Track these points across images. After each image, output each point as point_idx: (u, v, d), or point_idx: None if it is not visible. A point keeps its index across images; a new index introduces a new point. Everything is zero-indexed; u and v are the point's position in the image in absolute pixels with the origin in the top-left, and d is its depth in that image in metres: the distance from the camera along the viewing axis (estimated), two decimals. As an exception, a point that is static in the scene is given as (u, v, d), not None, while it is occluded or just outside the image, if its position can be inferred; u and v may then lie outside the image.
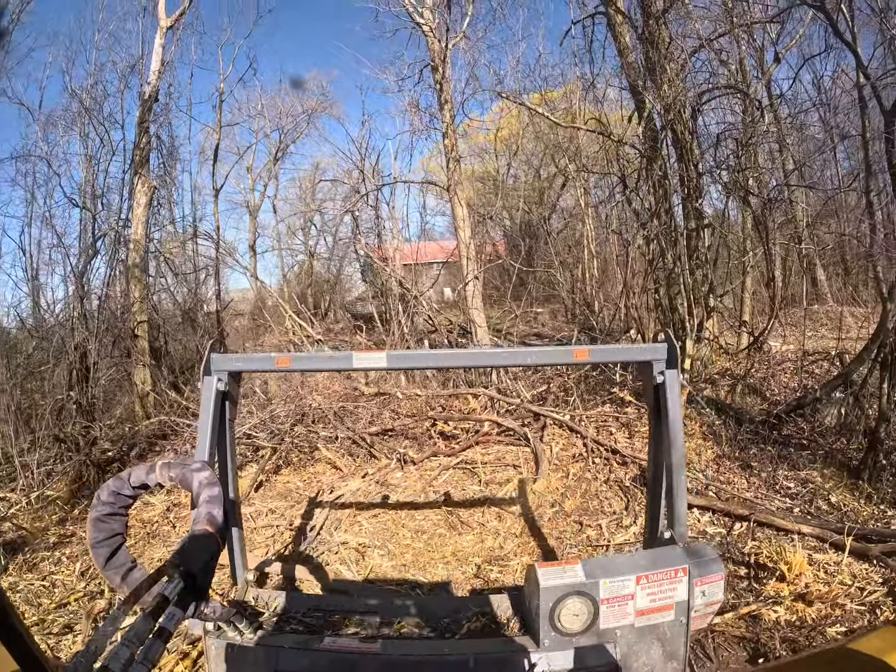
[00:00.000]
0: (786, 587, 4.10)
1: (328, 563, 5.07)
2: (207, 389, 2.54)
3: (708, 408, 7.75)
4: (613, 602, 2.14)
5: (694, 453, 6.64)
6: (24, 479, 7.36)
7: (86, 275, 12.04)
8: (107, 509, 1.56)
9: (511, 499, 6.04)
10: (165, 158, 15.48)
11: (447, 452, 7.35)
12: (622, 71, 11.04)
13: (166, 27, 13.40)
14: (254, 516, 6.15)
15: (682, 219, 10.00)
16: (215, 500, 1.53)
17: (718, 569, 2.21)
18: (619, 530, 5.27)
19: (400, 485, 6.65)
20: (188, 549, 1.38)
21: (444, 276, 22.06)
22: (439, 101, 12.05)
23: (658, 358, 2.53)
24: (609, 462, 6.48)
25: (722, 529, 5.15)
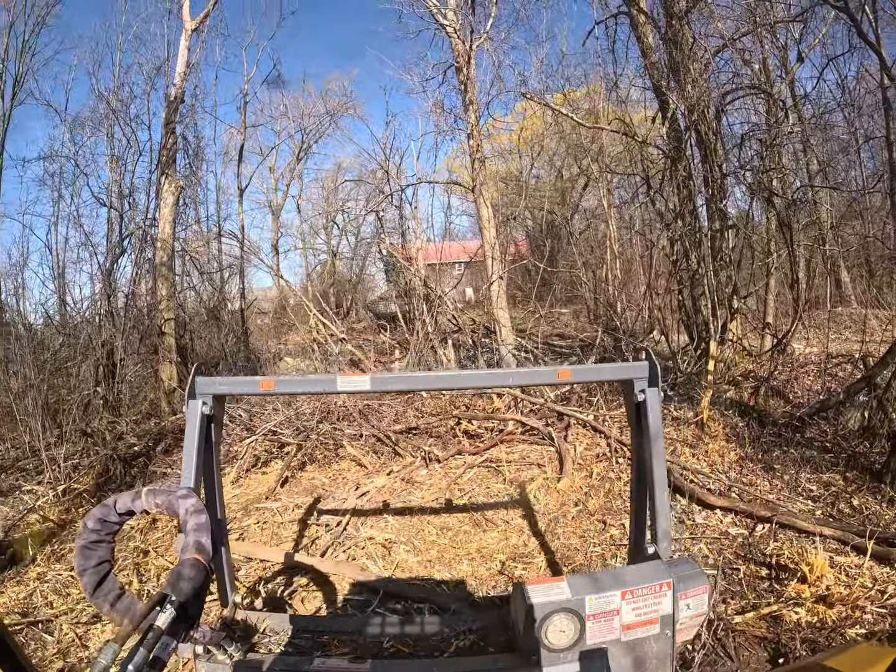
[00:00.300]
0: (807, 589, 4.10)
1: (355, 558, 5.15)
2: (192, 413, 2.59)
3: (731, 409, 7.77)
4: (600, 618, 2.19)
5: (717, 455, 6.67)
6: (50, 472, 7.43)
7: (113, 273, 12.23)
8: (94, 536, 1.59)
9: (535, 497, 6.09)
10: (191, 159, 15.74)
11: (472, 451, 7.42)
12: (645, 71, 11.06)
13: (191, 29, 13.59)
14: (280, 511, 6.23)
15: (706, 220, 9.98)
16: (203, 528, 1.56)
17: (702, 582, 2.31)
18: (643, 529, 5.31)
19: (425, 482, 6.72)
20: (179, 579, 1.40)
21: (466, 277, 22.10)
22: (464, 101, 12.12)
23: (639, 376, 2.66)
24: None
25: (744, 531, 5.13)
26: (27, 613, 4.55)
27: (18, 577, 5.24)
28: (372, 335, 17.90)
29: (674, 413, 7.75)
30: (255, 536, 5.79)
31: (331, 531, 5.60)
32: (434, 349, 11.54)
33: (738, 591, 4.25)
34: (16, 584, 5.13)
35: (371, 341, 16.51)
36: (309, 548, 5.38)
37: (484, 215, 11.77)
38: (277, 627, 2.93)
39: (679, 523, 5.33)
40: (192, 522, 1.55)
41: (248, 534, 5.86)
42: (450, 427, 8.06)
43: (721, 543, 4.97)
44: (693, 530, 5.23)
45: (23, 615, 4.53)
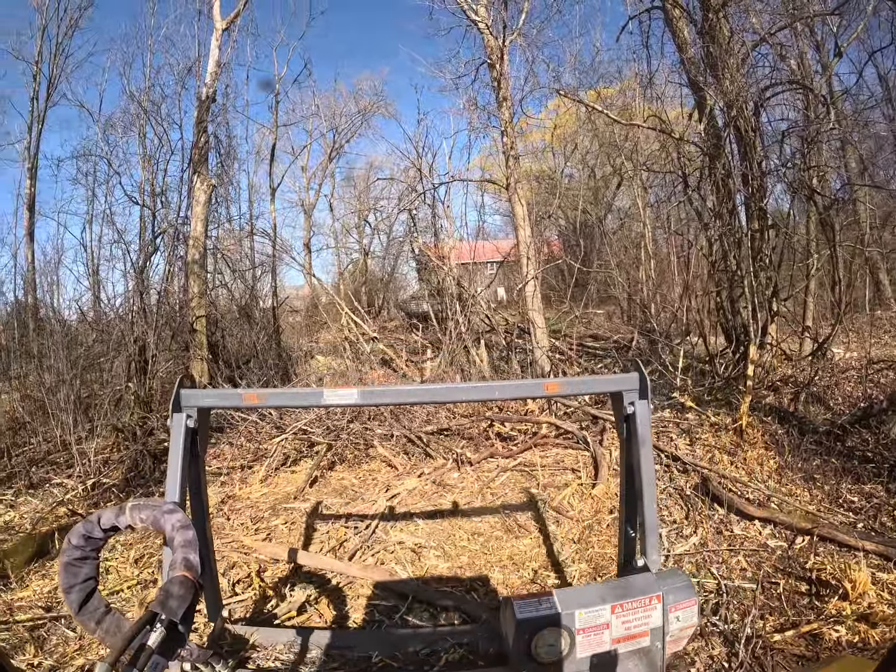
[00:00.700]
0: (848, 606, 3.93)
1: (383, 562, 5.06)
2: (177, 427, 2.57)
3: (770, 416, 7.59)
4: (589, 631, 2.20)
5: (756, 463, 6.49)
6: (80, 466, 7.51)
7: (145, 270, 12.32)
8: (78, 553, 1.56)
9: (569, 503, 5.95)
10: (223, 157, 15.81)
11: (505, 454, 7.31)
12: (681, 66, 10.87)
13: (221, 29, 13.65)
14: (308, 512, 6.16)
15: (745, 219, 9.79)
16: (190, 544, 1.54)
17: (691, 594, 2.32)
18: (678, 540, 5.15)
19: (457, 485, 6.61)
20: (168, 597, 1.38)
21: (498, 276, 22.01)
22: (497, 98, 12.01)
23: (629, 388, 2.65)
24: (669, 469, 6.36)
25: (783, 543, 4.95)
26: (51, 608, 4.52)
27: (44, 570, 5.24)
28: (404, 334, 17.94)
29: (712, 419, 7.57)
30: (282, 537, 5.72)
31: (359, 534, 5.52)
32: (467, 349, 11.46)
33: (777, 606, 4.08)
34: (41, 577, 5.12)
35: (403, 341, 16.57)
36: (337, 550, 5.29)
37: (518, 213, 11.63)
38: (266, 642, 2.96)
39: (717, 534, 5.19)
40: (180, 539, 1.55)
41: (276, 534, 5.79)
42: (482, 429, 7.97)
43: (760, 556, 4.80)
44: (731, 542, 5.06)
45: (46, 609, 4.50)
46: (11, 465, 7.96)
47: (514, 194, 11.72)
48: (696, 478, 6.13)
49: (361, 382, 10.66)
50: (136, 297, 11.44)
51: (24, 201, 19.94)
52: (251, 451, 8.20)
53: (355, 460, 7.66)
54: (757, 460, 6.55)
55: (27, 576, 5.11)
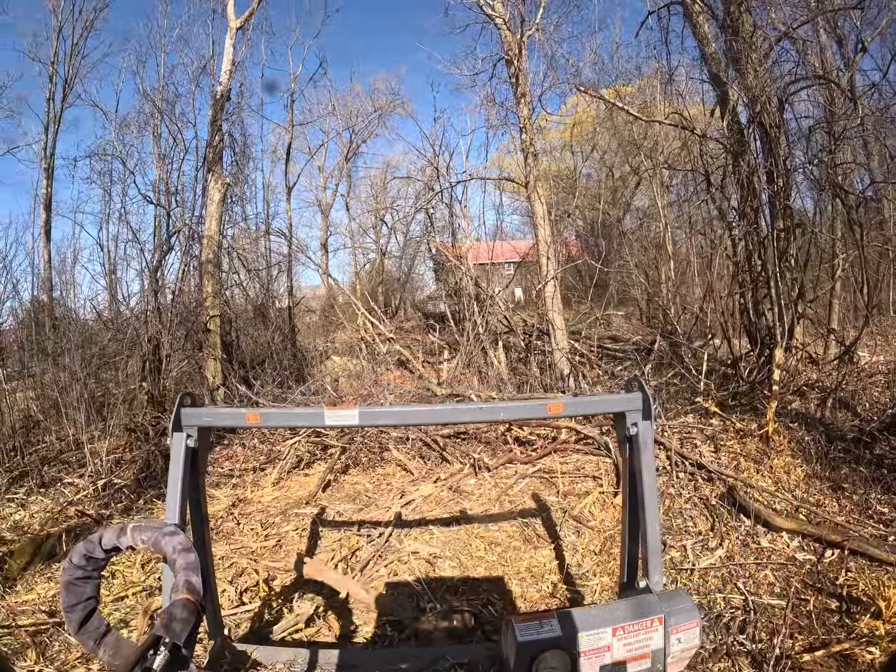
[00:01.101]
0: (881, 625, 3.73)
1: (397, 573, 4.89)
2: (177, 446, 2.58)
3: (797, 422, 7.33)
4: (591, 654, 2.19)
5: (782, 471, 6.27)
6: (92, 465, 7.48)
7: (160, 269, 12.31)
8: (79, 573, 1.56)
9: (590, 512, 5.76)
10: (238, 156, 15.77)
11: (523, 460, 7.09)
12: (702, 62, 10.65)
13: (236, 28, 13.61)
14: (320, 519, 6.01)
15: (770, 218, 9.54)
16: (192, 567, 1.54)
17: (693, 616, 2.31)
18: (704, 553, 4.94)
19: (474, 492, 6.42)
20: (172, 620, 1.37)
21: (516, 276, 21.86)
22: (515, 94, 11.80)
23: (632, 409, 2.68)
24: (694, 477, 6.11)
25: (812, 556, 4.76)
26: (54, 612, 4.40)
27: (49, 572, 5.16)
28: (420, 335, 17.87)
29: (737, 425, 7.34)
30: (292, 544, 5.56)
31: (372, 542, 5.36)
32: (484, 351, 11.29)
33: (807, 624, 3.90)
34: (46, 580, 5.04)
35: (419, 341, 16.45)
36: (349, 559, 5.13)
37: (538, 212, 11.41)
38: (266, 660, 2.96)
39: (744, 547, 4.99)
40: (182, 561, 1.54)
41: (286, 541, 5.63)
42: (500, 433, 7.76)
43: (788, 570, 4.61)
44: (758, 555, 4.86)
45: (49, 614, 4.39)
46: (24, 463, 7.92)
47: (533, 192, 11.53)
48: (721, 487, 5.91)
49: (377, 384, 10.51)
50: (151, 296, 11.50)
51: (41, 201, 20.11)
52: (264, 452, 8.10)
53: (370, 464, 7.50)
54: (784, 468, 6.33)
55: (32, 578, 5.04)
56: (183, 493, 2.51)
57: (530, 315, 15.50)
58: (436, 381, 10.74)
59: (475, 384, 10.37)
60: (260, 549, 5.44)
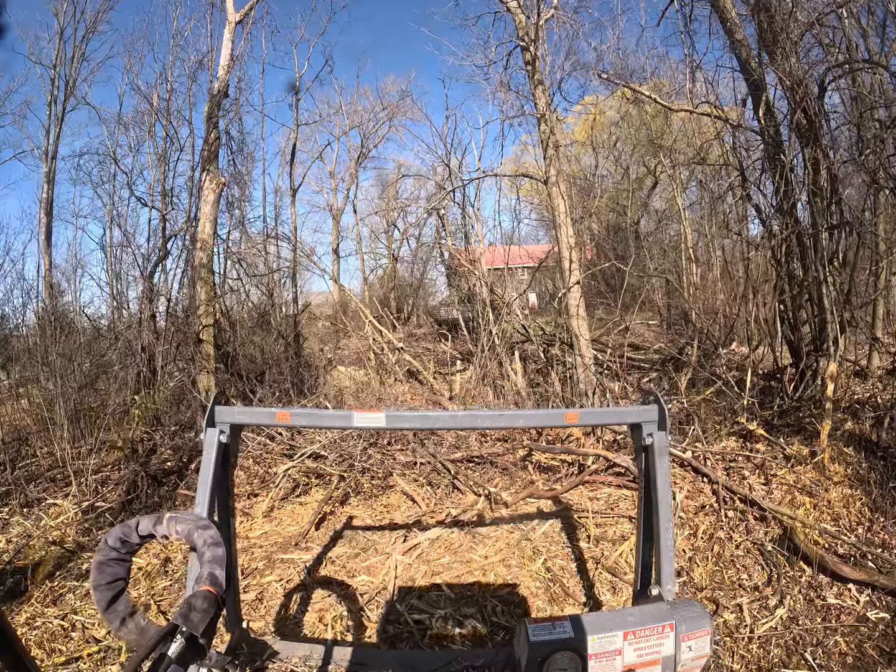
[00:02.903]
0: None
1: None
2: (210, 441, 2.71)
3: (851, 446, 6.50)
4: (601, 657, 2.19)
5: (842, 506, 5.45)
6: (76, 486, 7.16)
7: (155, 276, 12.24)
8: (113, 554, 1.58)
9: (627, 562, 4.93)
10: (235, 154, 15.35)
11: (546, 494, 6.24)
12: (731, 49, 9.94)
13: (235, 22, 13.19)
14: (309, 567, 5.20)
15: (812, 216, 8.71)
16: (218, 561, 1.55)
17: (704, 624, 2.28)
18: (762, 613, 4.12)
19: (489, 535, 5.55)
20: (191, 610, 1.38)
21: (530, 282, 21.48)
22: (532, 82, 11.02)
23: (648, 420, 2.76)
24: (745, 517, 5.30)
25: (886, 615, 3.97)
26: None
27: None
28: (432, 343, 17.54)
29: (786, 450, 6.51)
30: (274, 598, 4.74)
31: (368, 605, 4.51)
32: (500, 363, 10.58)
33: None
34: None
35: (431, 350, 16.15)
36: (335, 628, 4.29)
37: (560, 210, 10.46)
38: (283, 654, 3.11)
39: (808, 603, 4.22)
40: (209, 554, 1.56)
41: (268, 594, 4.81)
42: (519, 457, 7.00)
43: (860, 634, 3.84)
44: (825, 614, 4.08)
45: None
46: (12, 478, 7.45)
47: (554, 187, 10.64)
48: (776, 528, 5.11)
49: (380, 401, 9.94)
50: (145, 303, 11.15)
51: (42, 205, 20.09)
52: (258, 475, 7.49)
53: (372, 492, 6.79)
54: (842, 503, 5.53)
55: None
56: (213, 487, 2.64)
57: (546, 322, 14.97)
58: (447, 396, 10.13)
59: (490, 399, 9.70)
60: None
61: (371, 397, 10.40)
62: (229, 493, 3.02)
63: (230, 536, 2.99)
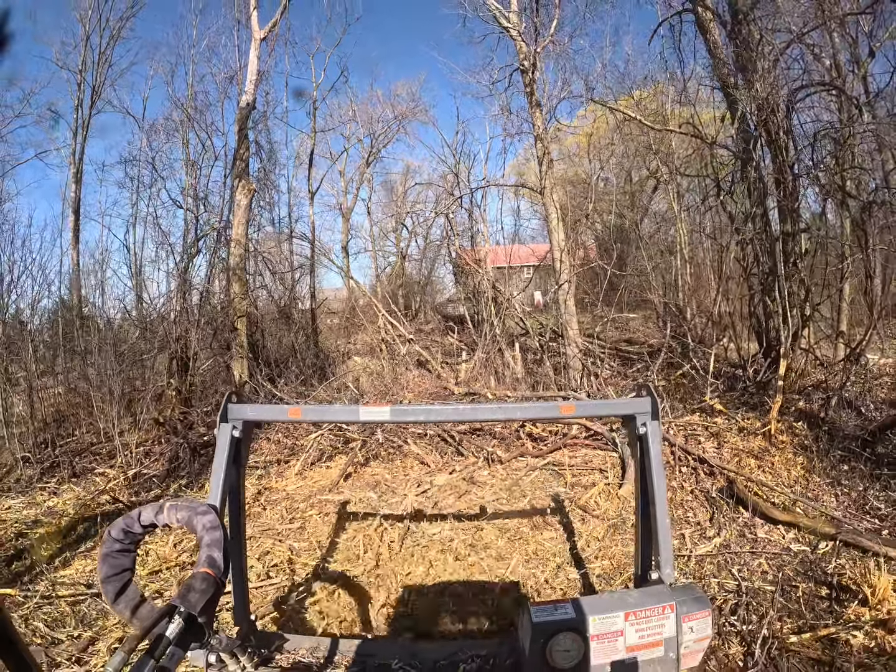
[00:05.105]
0: (867, 612, 3.97)
1: (413, 555, 5.23)
2: (223, 436, 2.74)
3: (800, 421, 7.58)
4: (603, 638, 2.22)
5: (783, 468, 6.54)
6: (122, 457, 7.88)
7: (189, 271, 12.68)
8: (117, 546, 1.61)
9: (595, 502, 6.09)
10: (265, 163, 16.16)
11: (534, 453, 7.46)
12: (714, 69, 10.90)
13: (260, 39, 14.04)
14: (343, 504, 6.39)
15: (778, 223, 9.75)
16: (216, 544, 1.58)
17: (705, 605, 2.32)
18: (702, 541, 5.25)
19: (487, 482, 6.77)
20: (189, 591, 1.43)
21: (534, 281, 22.06)
22: (530, 104, 12.15)
23: (641, 411, 2.75)
24: (696, 472, 6.44)
25: (806, 547, 5.02)
26: (91, 584, 4.84)
27: (86, 552, 5.58)
28: (440, 337, 18.13)
29: (741, 423, 7.60)
30: (316, 526, 5.95)
31: (393, 525, 5.75)
32: (501, 352, 11.58)
33: (796, 609, 4.15)
34: (83, 558, 5.46)
35: (439, 343, 16.82)
36: (370, 543, 5.47)
37: (552, 218, 11.75)
38: (290, 646, 3.06)
39: (740, 537, 5.28)
40: (207, 538, 1.59)
41: (310, 524, 6.02)
42: (514, 429, 8.09)
43: (782, 560, 4.87)
44: (754, 545, 5.14)
45: (87, 586, 4.84)
46: (55, 454, 8.32)
47: (548, 199, 11.84)
48: (722, 480, 6.19)
49: (397, 382, 10.82)
50: (180, 296, 11.82)
51: (70, 204, 20.65)
52: (287, 446, 8.46)
53: (388, 457, 7.86)
54: (784, 465, 6.60)
55: (72, 557, 5.46)
56: (225, 479, 2.64)
57: (548, 318, 15.77)
58: (454, 381, 11.02)
59: (492, 384, 10.66)
60: (285, 530, 5.86)
61: (384, 384, 11.38)
62: (241, 486, 3.03)
63: (240, 531, 3.04)
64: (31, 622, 4.34)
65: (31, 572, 5.18)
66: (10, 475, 7.96)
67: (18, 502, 7.09)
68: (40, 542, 5.69)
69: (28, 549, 5.61)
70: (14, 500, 7.15)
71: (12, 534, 6.10)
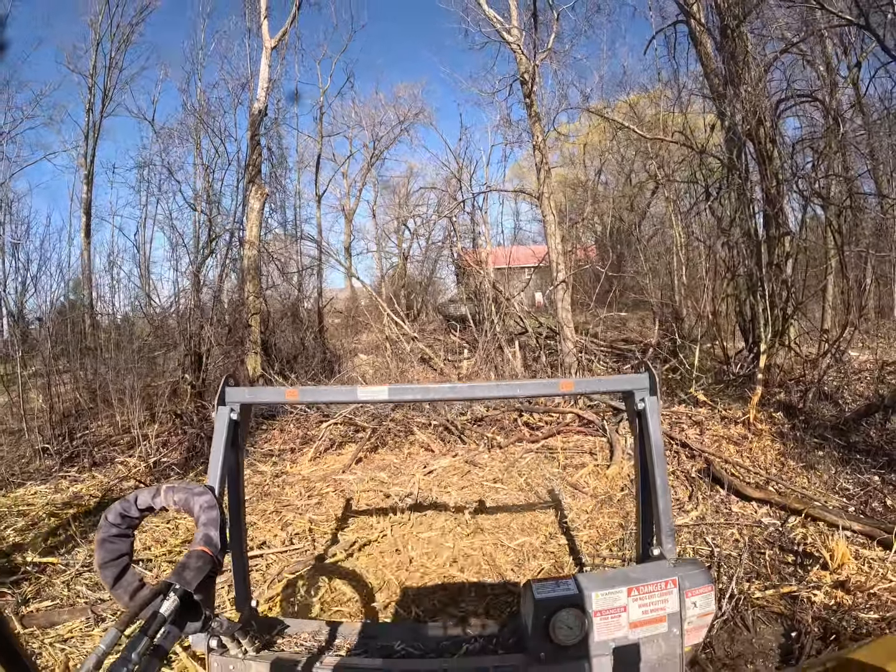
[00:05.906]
0: (828, 575, 4.39)
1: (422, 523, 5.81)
2: (221, 419, 2.66)
3: (780, 412, 8.11)
4: (606, 614, 2.22)
5: (760, 452, 7.07)
6: (141, 447, 8.37)
7: (202, 270, 13.18)
8: (114, 530, 1.58)
9: (585, 481, 6.66)
10: (276, 168, 16.66)
11: (530, 439, 8.08)
12: (705, 78, 11.42)
13: (270, 48, 14.55)
14: (356, 482, 7.01)
15: (763, 227, 10.28)
16: (212, 523, 1.57)
17: (707, 580, 2.31)
18: (680, 514, 5.75)
19: (486, 464, 7.37)
20: (184, 569, 1.42)
21: (535, 281, 22.46)
22: (529, 114, 12.78)
23: (640, 387, 2.69)
24: (678, 455, 6.99)
25: (776, 521, 5.48)
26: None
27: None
28: (442, 335, 18.75)
29: (723, 412, 8.16)
30: (332, 501, 6.54)
31: (403, 499, 6.35)
32: (501, 349, 12.15)
33: (764, 573, 4.59)
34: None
35: (441, 341, 17.37)
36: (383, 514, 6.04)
37: (549, 223, 12.37)
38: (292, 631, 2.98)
39: (715, 512, 5.80)
40: (204, 517, 1.58)
41: (326, 500, 6.61)
42: (512, 419, 8.75)
43: (753, 531, 5.35)
44: (728, 518, 5.64)
45: None
46: (73, 446, 8.80)
47: (545, 205, 12.46)
48: (702, 463, 6.74)
49: (402, 378, 11.32)
50: (193, 294, 12.33)
51: (81, 205, 21.20)
52: (300, 436, 8.96)
53: (396, 444, 8.42)
54: (761, 450, 7.14)
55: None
56: (224, 462, 2.62)
57: (547, 318, 16.23)
58: (456, 377, 11.53)
59: (492, 378, 11.20)
60: (304, 506, 6.43)
61: (390, 379, 11.90)
62: (240, 469, 2.94)
63: (239, 510, 2.98)
64: (73, 587, 4.82)
65: (68, 545, 5.63)
66: (30, 465, 8.39)
67: (44, 488, 7.50)
68: (74, 519, 6.04)
69: (63, 526, 6.00)
70: (39, 487, 7.57)
71: (44, 514, 6.52)
